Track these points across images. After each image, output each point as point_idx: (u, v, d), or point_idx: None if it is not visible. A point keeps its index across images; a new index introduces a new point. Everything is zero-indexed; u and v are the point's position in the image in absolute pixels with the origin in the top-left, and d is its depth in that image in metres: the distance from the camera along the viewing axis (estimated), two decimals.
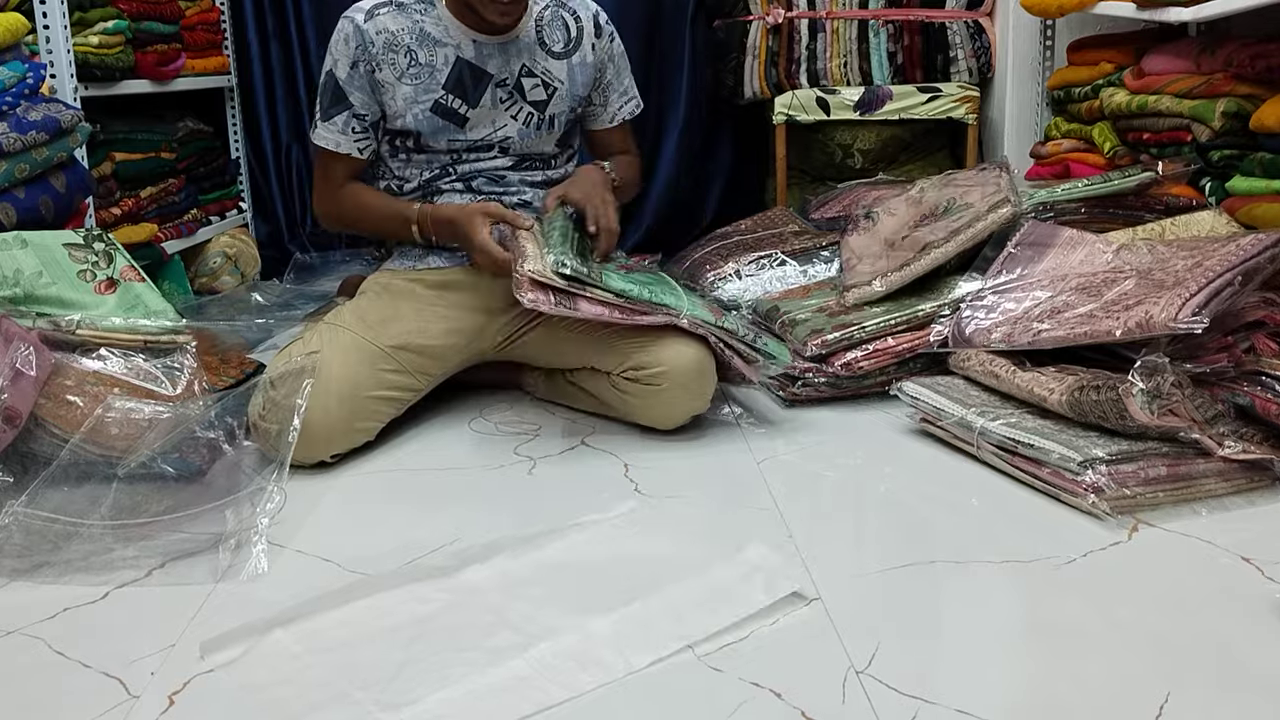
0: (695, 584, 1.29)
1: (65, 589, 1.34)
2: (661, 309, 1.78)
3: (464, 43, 1.93)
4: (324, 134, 1.95)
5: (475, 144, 1.97)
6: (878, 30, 3.15)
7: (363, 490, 1.69)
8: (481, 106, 1.95)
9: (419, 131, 1.94)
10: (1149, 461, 1.51)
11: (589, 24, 2.06)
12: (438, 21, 1.93)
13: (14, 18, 2.07)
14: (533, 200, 2.04)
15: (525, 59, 1.98)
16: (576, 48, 2.03)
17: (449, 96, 1.93)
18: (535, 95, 1.99)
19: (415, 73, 1.91)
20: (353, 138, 1.95)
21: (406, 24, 1.91)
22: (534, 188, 2.05)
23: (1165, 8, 2.20)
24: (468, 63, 1.93)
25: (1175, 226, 2.04)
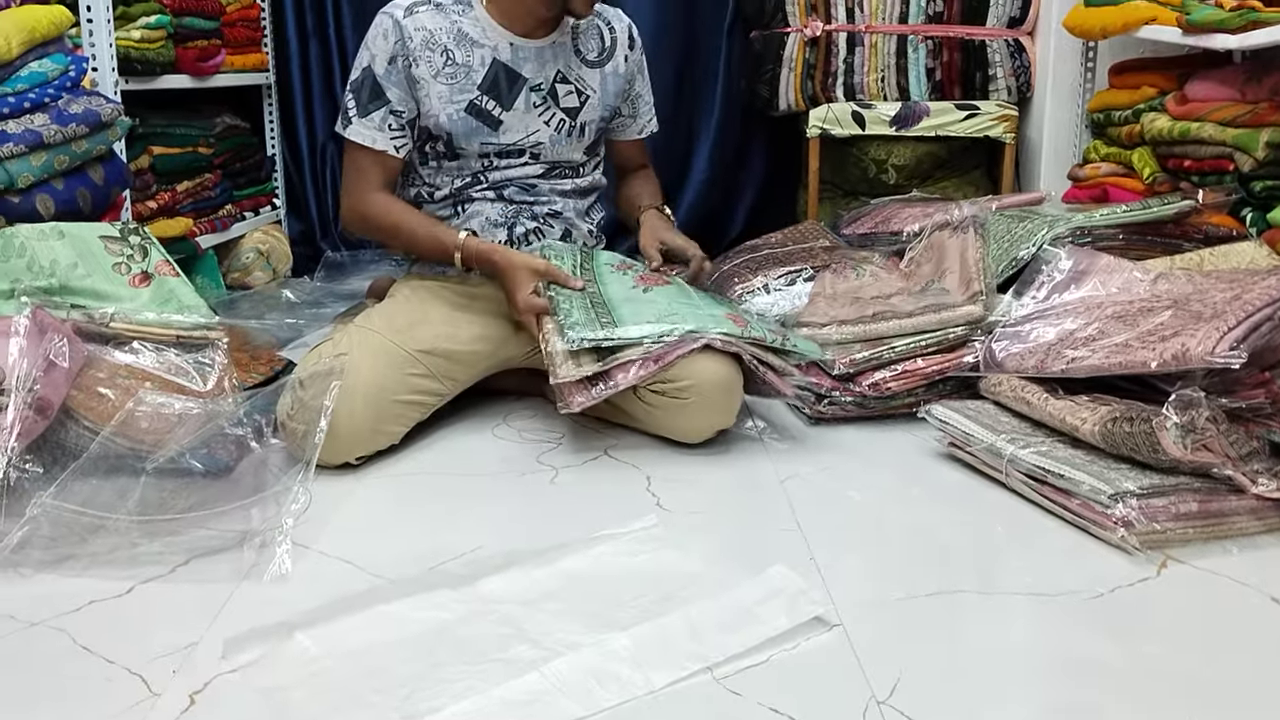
0: (716, 603, 1.28)
1: (91, 582, 1.35)
2: (689, 339, 1.76)
3: (501, 44, 1.94)
4: (360, 129, 1.93)
5: (507, 148, 1.97)
6: (916, 46, 3.14)
7: (387, 493, 1.69)
8: (515, 110, 1.95)
9: (451, 133, 1.93)
10: (1181, 497, 1.49)
11: (623, 35, 2.07)
12: (475, 22, 1.94)
13: (58, 10, 2.09)
14: (563, 210, 2.04)
15: (561, 65, 1.98)
16: (610, 57, 2.04)
17: (484, 98, 1.93)
18: (568, 102, 1.99)
19: (451, 72, 1.91)
20: (389, 134, 1.93)
21: (444, 23, 1.92)
22: (564, 196, 2.05)
23: (1211, 34, 2.18)
24: (504, 65, 1.94)
25: (1214, 257, 2.01)
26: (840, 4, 3.14)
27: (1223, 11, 2.12)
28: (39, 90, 2.01)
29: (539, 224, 2.03)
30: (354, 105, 1.94)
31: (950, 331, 2.01)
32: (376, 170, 1.97)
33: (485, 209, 1.99)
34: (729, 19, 3.42)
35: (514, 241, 2.01)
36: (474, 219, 1.99)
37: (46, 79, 2.03)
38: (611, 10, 2.08)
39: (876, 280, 2.34)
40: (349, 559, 1.43)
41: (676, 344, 1.76)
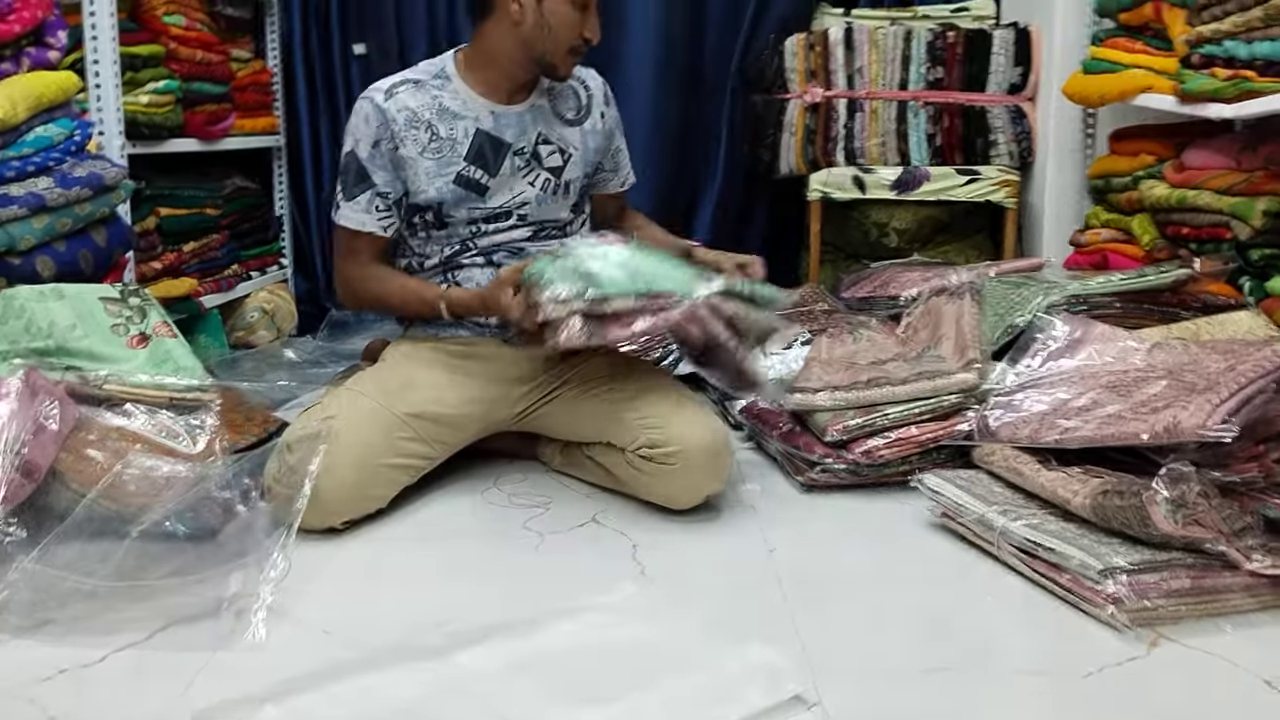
0: (692, 682, 1.26)
1: (65, 649, 1.34)
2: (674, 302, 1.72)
3: (482, 114, 1.96)
4: (348, 214, 1.95)
5: (494, 212, 1.98)
6: (917, 111, 3.16)
7: (369, 559, 1.68)
8: (501, 174, 1.97)
9: (441, 203, 1.94)
10: (1172, 572, 1.47)
11: (598, 92, 2.09)
12: (455, 95, 1.96)
13: (66, 76, 2.13)
14: None
15: (541, 127, 2.00)
16: (587, 115, 2.06)
17: (470, 168, 1.94)
18: (552, 161, 2.01)
19: (436, 147, 1.93)
20: (376, 216, 1.94)
21: (425, 100, 1.94)
22: None
23: (1207, 103, 2.19)
24: (487, 134, 1.95)
25: (1211, 326, 2.00)
26: (840, 71, 3.17)
27: (1217, 81, 2.13)
28: (44, 154, 2.04)
29: None
30: (340, 191, 1.96)
31: (944, 399, 2.00)
32: (366, 250, 1.98)
33: (475, 275, 1.99)
34: (731, 84, 3.45)
35: None
36: (465, 285, 1.99)
37: (51, 143, 2.06)
38: (584, 70, 2.11)
39: (872, 345, 2.33)
40: (326, 627, 1.42)
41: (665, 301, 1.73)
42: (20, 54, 2.06)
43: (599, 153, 2.09)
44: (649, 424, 1.84)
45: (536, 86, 2.01)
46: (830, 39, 3.16)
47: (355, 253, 1.98)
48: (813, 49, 3.18)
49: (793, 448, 2.05)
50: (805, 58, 3.18)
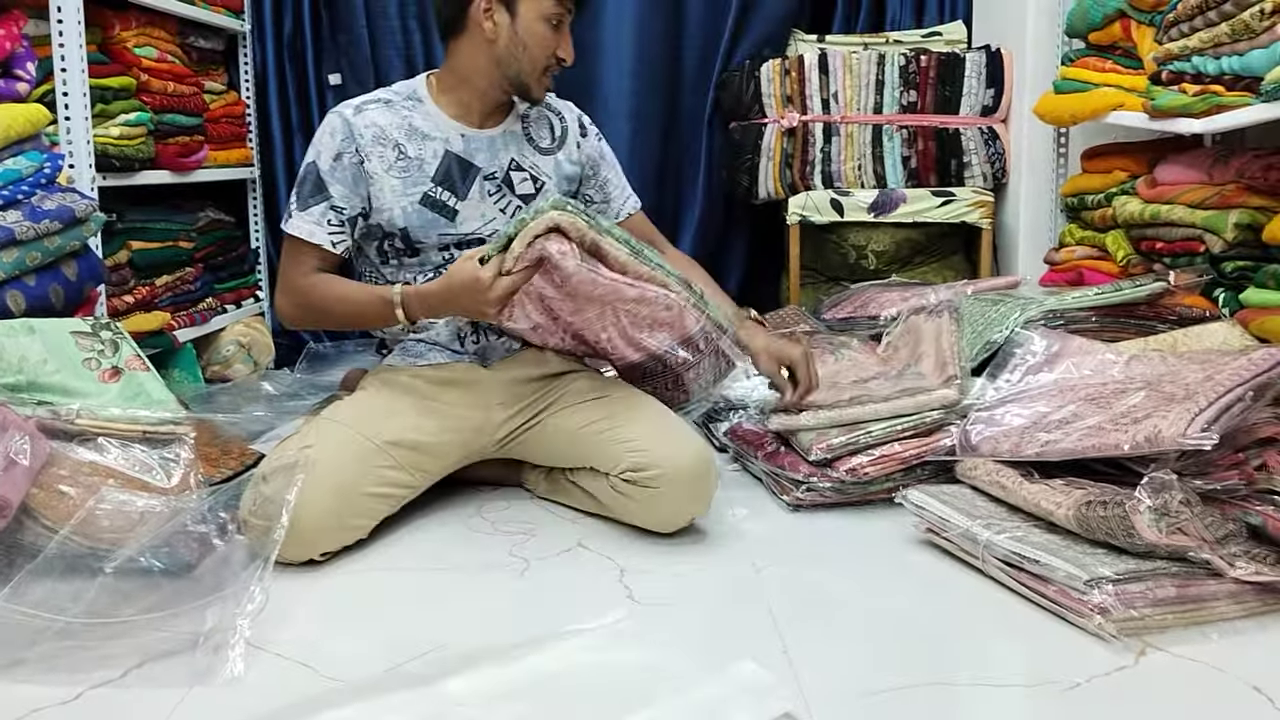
0: (682, 702, 1.24)
1: (39, 689, 1.31)
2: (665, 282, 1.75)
3: (453, 136, 1.95)
4: (299, 223, 1.90)
5: (466, 238, 1.96)
6: (892, 135, 3.18)
7: (349, 590, 1.65)
8: (470, 199, 1.95)
9: (406, 226, 1.92)
10: (1158, 581, 1.46)
11: (573, 124, 2.09)
12: (426, 116, 1.95)
13: (35, 109, 2.11)
14: None
15: (514, 153, 1.99)
16: (561, 145, 2.05)
17: (438, 189, 1.92)
18: (524, 189, 1.99)
19: (404, 165, 1.91)
20: (328, 229, 1.90)
21: (395, 119, 1.93)
22: None
23: (1177, 118, 2.21)
24: (456, 156, 1.94)
25: (1188, 338, 2.01)
26: (816, 96, 3.19)
27: (1186, 97, 2.15)
28: (12, 187, 2.02)
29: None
30: (295, 200, 1.92)
31: (926, 416, 2.00)
32: (311, 263, 1.92)
33: None
34: (708, 111, 3.47)
35: (481, 343, 1.98)
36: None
37: (21, 176, 2.04)
38: (560, 102, 2.10)
39: (854, 364, 2.33)
40: (305, 660, 1.39)
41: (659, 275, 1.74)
42: None
43: (572, 182, 2.07)
44: (632, 447, 1.82)
45: (511, 111, 2.01)
46: (805, 64, 3.19)
47: (299, 262, 1.92)
48: (788, 74, 3.20)
49: (778, 467, 2.05)
50: (781, 83, 3.20)
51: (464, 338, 1.97)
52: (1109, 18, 2.55)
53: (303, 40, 3.46)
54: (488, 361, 1.98)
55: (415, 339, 1.99)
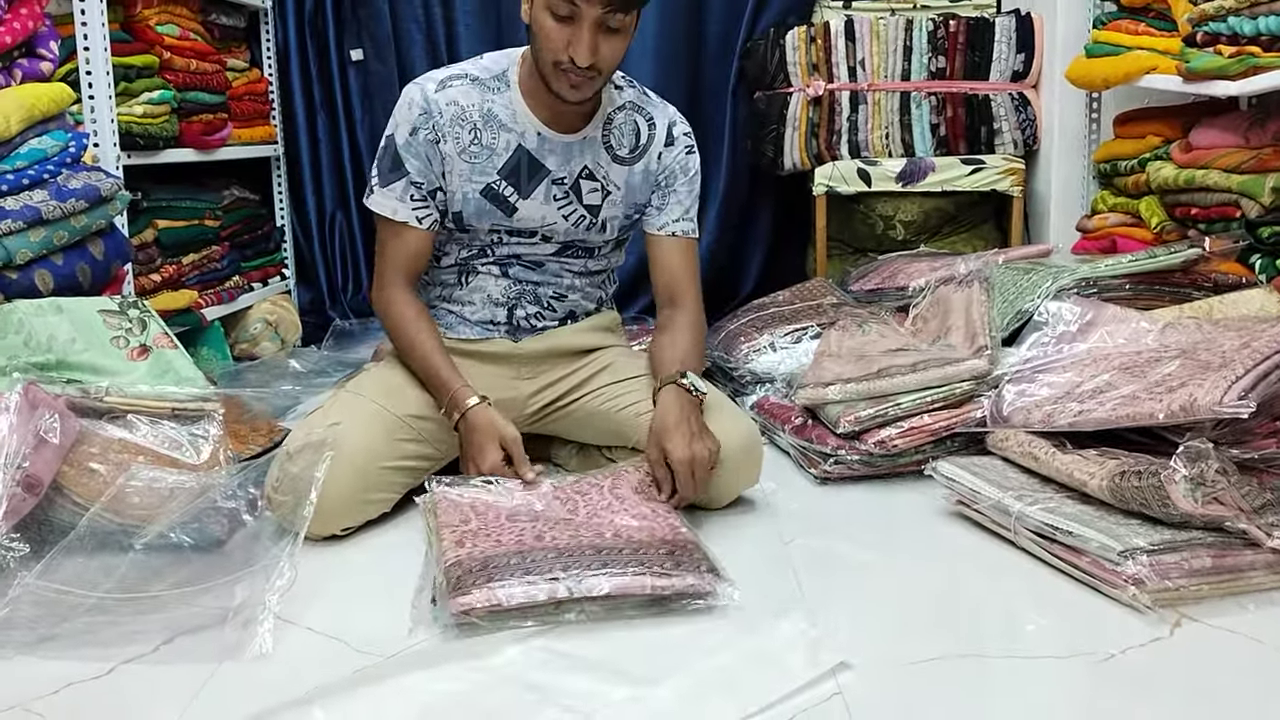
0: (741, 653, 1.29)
1: (70, 664, 1.32)
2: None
3: (529, 132, 1.86)
4: (380, 199, 1.85)
5: (518, 229, 1.91)
6: (920, 102, 3.13)
7: (377, 565, 1.65)
8: (533, 199, 1.88)
9: (462, 211, 1.87)
10: (1193, 552, 1.44)
11: (661, 131, 1.95)
12: (508, 105, 1.86)
13: (59, 88, 2.11)
14: (569, 292, 1.99)
15: (588, 160, 1.90)
16: (643, 154, 1.93)
17: (501, 183, 1.86)
18: (591, 199, 1.91)
19: (475, 151, 1.85)
20: (411, 205, 1.84)
21: (477, 100, 1.85)
22: (574, 276, 1.99)
23: (1212, 81, 2.16)
24: (528, 152, 1.86)
25: (1223, 305, 1.98)
26: (842, 64, 3.15)
27: (1222, 59, 2.11)
28: (38, 167, 2.02)
29: (541, 308, 1.98)
30: (376, 175, 1.87)
31: (956, 387, 1.98)
32: (399, 250, 1.87)
33: (489, 285, 1.95)
34: (732, 81, 3.43)
35: (514, 325, 1.97)
36: (476, 293, 1.96)
37: (46, 155, 2.04)
38: (659, 105, 1.97)
39: (882, 336, 2.31)
40: (336, 635, 1.40)
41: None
42: (12, 66, 2.04)
43: (645, 193, 1.95)
44: None
45: (596, 114, 1.90)
46: (831, 31, 3.14)
47: (386, 255, 1.88)
48: (814, 42, 3.15)
49: (805, 441, 2.03)
50: (806, 51, 3.16)
51: (497, 317, 1.96)
52: None
53: (324, 16, 3.44)
54: (518, 337, 1.97)
55: (446, 308, 1.98)
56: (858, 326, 2.37)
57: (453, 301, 1.97)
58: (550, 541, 1.53)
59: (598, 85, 1.78)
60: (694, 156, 1.98)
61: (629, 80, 1.98)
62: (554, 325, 1.99)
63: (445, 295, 1.98)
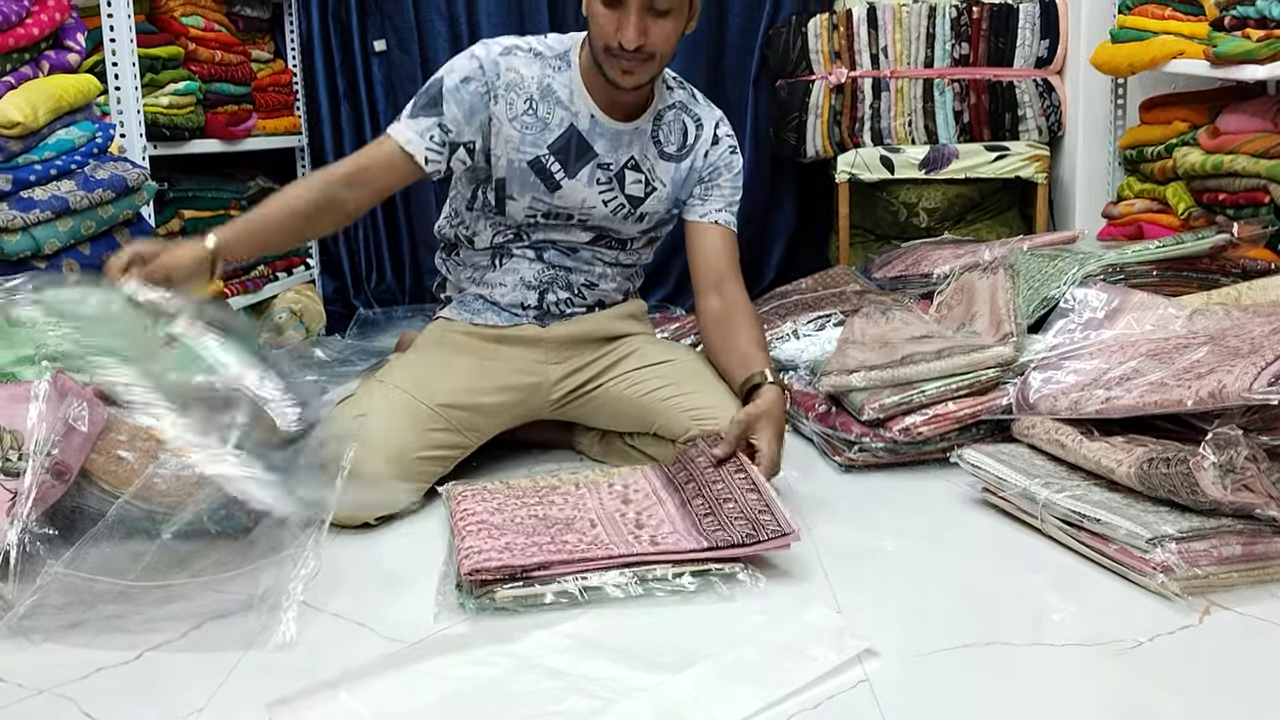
0: (764, 642, 1.28)
1: (99, 650, 1.33)
2: None
3: (583, 113, 1.87)
4: (402, 128, 1.83)
5: (557, 210, 1.91)
6: (943, 89, 3.11)
7: (403, 552, 1.66)
8: (578, 179, 1.89)
9: (507, 179, 1.87)
10: (1223, 539, 1.43)
11: (708, 133, 1.97)
12: (567, 84, 1.87)
13: (86, 79, 2.13)
14: (599, 281, 2.00)
15: (636, 151, 1.91)
16: (689, 153, 1.95)
17: (550, 158, 1.87)
18: (634, 190, 1.92)
19: (529, 122, 1.85)
20: (426, 143, 1.82)
21: (536, 73, 1.86)
22: (606, 265, 2.00)
23: (1240, 65, 2.14)
24: (579, 133, 1.87)
25: (1252, 291, 1.96)
26: (864, 51, 3.13)
27: (1250, 42, 2.08)
28: (65, 157, 2.04)
29: (572, 294, 1.98)
30: (408, 109, 1.85)
31: (981, 374, 1.96)
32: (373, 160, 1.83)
33: (522, 268, 1.96)
34: (754, 69, 3.42)
35: (544, 309, 1.97)
36: (509, 275, 1.97)
37: (73, 146, 2.06)
38: (706, 108, 1.99)
39: (906, 324, 2.30)
40: (362, 621, 1.40)
41: None
42: (39, 58, 2.05)
43: (688, 188, 1.96)
44: (700, 415, 1.81)
45: (649, 107, 1.91)
46: (854, 18, 3.13)
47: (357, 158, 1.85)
48: (836, 29, 3.14)
49: (829, 428, 2.03)
50: (829, 38, 3.14)
51: (528, 301, 1.97)
52: None
53: (347, 7, 3.45)
54: (546, 322, 1.98)
55: (478, 292, 1.98)
56: (881, 314, 2.36)
57: (484, 284, 1.98)
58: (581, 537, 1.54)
59: (651, 70, 1.80)
60: (738, 157, 2.00)
61: (680, 82, 2.00)
62: (582, 311, 1.99)
63: (477, 278, 1.99)
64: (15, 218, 1.89)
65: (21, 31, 1.99)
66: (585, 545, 1.49)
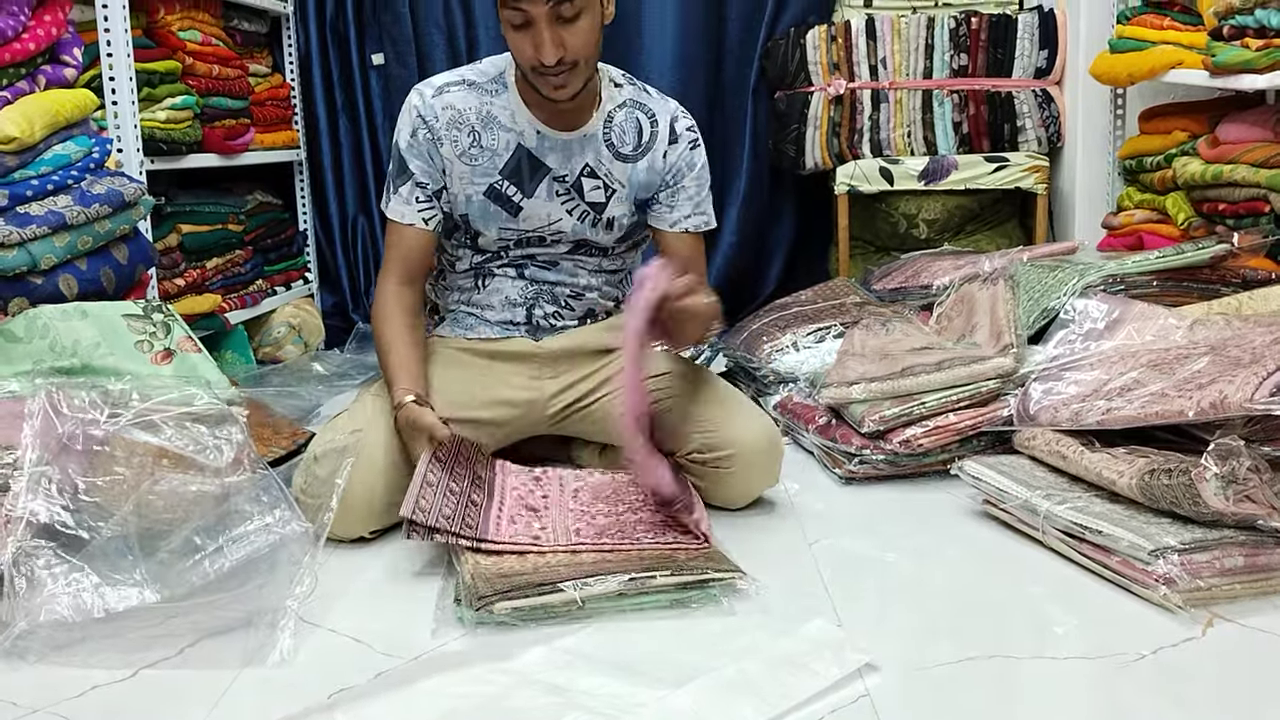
0: (765, 657, 1.27)
1: (95, 668, 1.32)
2: None
3: (528, 131, 1.87)
4: (394, 206, 1.88)
5: (527, 234, 1.92)
6: (942, 100, 3.11)
7: (401, 567, 1.65)
8: (536, 197, 1.89)
9: (468, 214, 1.89)
10: (1225, 551, 1.42)
11: (664, 129, 1.93)
12: (506, 106, 1.87)
13: (83, 94, 2.12)
14: (585, 290, 1.99)
15: (589, 158, 1.90)
16: (646, 152, 1.92)
17: (504, 183, 1.87)
18: (594, 196, 1.91)
19: (475, 154, 1.86)
20: (417, 207, 1.87)
21: (474, 103, 1.87)
22: (590, 274, 1.99)
23: (1239, 75, 2.14)
24: (528, 151, 1.87)
25: (1253, 301, 1.95)
26: (863, 62, 3.13)
27: (1248, 52, 2.08)
28: (62, 172, 2.03)
29: (559, 307, 1.98)
30: (390, 182, 1.90)
31: (981, 385, 1.96)
32: (399, 247, 1.89)
33: (505, 286, 1.96)
34: (753, 81, 3.42)
35: (534, 325, 1.97)
36: (494, 295, 1.97)
37: (70, 161, 2.05)
38: (660, 101, 1.95)
39: (906, 335, 2.29)
40: (360, 637, 1.40)
41: None
42: (36, 72, 2.05)
43: (648, 190, 1.94)
44: (701, 427, 1.81)
45: (595, 111, 1.89)
46: (852, 30, 3.13)
47: (390, 257, 1.90)
48: (834, 41, 3.14)
49: (830, 440, 2.02)
50: (827, 50, 3.14)
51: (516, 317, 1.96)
52: None
53: (345, 21, 3.46)
54: (538, 336, 1.97)
55: (467, 310, 1.98)
56: (881, 325, 2.36)
57: (472, 305, 1.98)
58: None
59: (581, 76, 1.77)
60: (699, 150, 1.96)
61: (628, 77, 1.98)
62: (573, 324, 1.99)
63: (464, 299, 1.99)
64: (11, 233, 1.88)
65: (18, 47, 1.98)
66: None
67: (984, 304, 2.21)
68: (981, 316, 2.19)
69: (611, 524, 1.66)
